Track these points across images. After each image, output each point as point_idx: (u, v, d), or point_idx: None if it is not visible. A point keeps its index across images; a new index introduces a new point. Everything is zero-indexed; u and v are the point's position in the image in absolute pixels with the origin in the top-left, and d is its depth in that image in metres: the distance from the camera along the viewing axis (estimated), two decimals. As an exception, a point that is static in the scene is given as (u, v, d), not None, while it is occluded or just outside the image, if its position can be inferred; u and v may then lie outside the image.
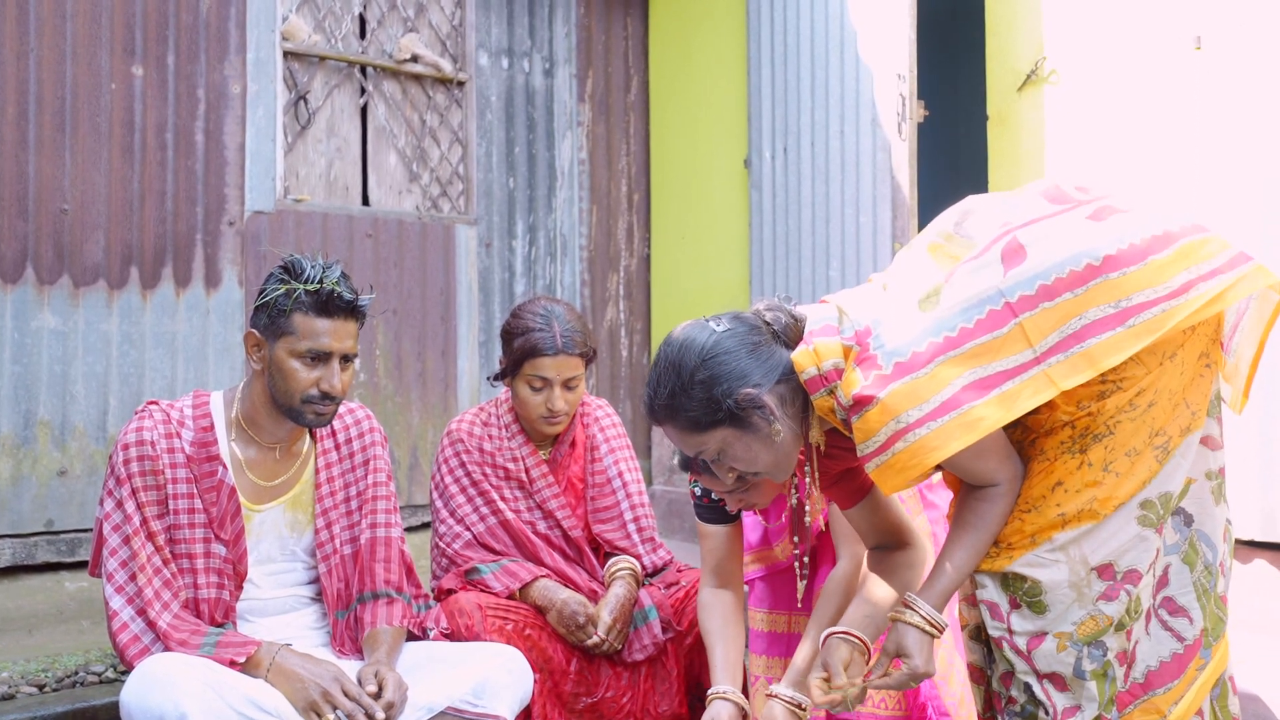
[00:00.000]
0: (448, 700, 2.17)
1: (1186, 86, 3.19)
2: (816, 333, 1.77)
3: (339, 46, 4.39)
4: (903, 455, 1.63)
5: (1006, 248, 1.69)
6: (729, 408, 1.75)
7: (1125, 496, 1.70)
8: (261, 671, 2.09)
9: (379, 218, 4.42)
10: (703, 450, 1.81)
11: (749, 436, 1.78)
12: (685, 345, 1.80)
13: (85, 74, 3.77)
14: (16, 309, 3.64)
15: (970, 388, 1.63)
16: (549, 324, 2.56)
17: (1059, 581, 1.70)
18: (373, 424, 2.45)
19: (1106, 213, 1.73)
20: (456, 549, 2.62)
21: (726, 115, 4.73)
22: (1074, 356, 1.63)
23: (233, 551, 2.24)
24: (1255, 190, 3.00)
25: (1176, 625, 1.77)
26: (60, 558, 3.70)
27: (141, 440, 2.20)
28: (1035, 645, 1.73)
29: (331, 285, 2.16)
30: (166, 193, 3.92)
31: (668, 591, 2.63)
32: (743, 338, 1.79)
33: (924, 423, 1.62)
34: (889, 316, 1.72)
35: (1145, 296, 1.65)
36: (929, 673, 1.74)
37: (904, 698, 2.36)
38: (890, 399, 1.63)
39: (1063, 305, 1.65)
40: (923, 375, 1.63)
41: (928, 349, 1.65)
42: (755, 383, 1.75)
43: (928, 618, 1.74)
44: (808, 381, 1.76)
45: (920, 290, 1.72)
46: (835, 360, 1.73)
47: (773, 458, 1.81)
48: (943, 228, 1.81)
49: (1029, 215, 1.74)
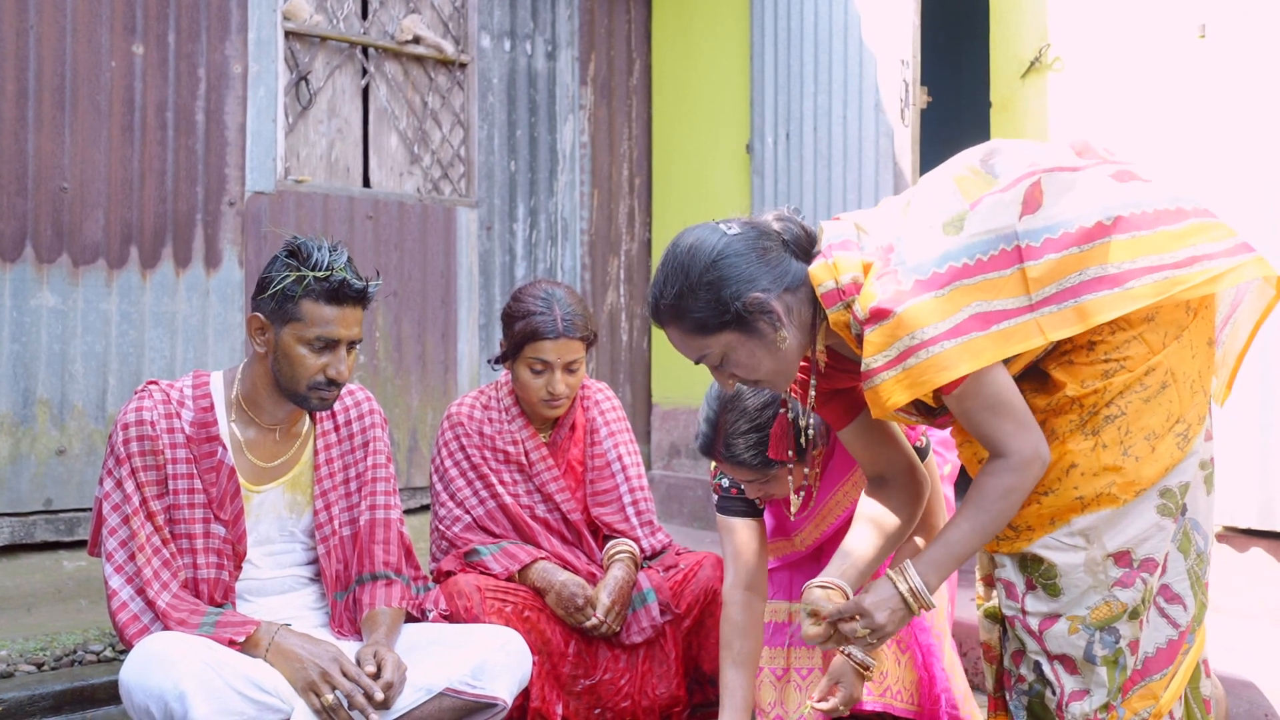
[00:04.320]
0: (446, 681, 2.18)
1: (1190, 75, 3.18)
2: (835, 247, 1.76)
3: (341, 27, 4.37)
4: (914, 370, 1.63)
5: (1029, 191, 1.70)
6: (736, 310, 1.73)
7: (1147, 483, 1.70)
8: (260, 651, 2.09)
9: (380, 199, 4.41)
10: (705, 354, 1.79)
11: (753, 342, 1.76)
12: (695, 246, 1.77)
13: (85, 52, 3.75)
14: (15, 287, 3.64)
15: (975, 318, 1.64)
16: (550, 307, 2.56)
17: (1074, 565, 1.71)
18: (373, 406, 2.45)
19: (1128, 177, 1.75)
20: (456, 531, 2.63)
21: (729, 100, 4.72)
22: (1066, 310, 1.65)
23: (232, 532, 2.24)
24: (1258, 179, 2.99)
25: (1172, 612, 1.78)
26: (59, 537, 3.70)
27: (141, 420, 2.20)
28: (1047, 626, 1.74)
29: (341, 273, 2.15)
30: (166, 172, 3.91)
31: (666, 574, 2.64)
32: (753, 242, 1.77)
33: (938, 341, 1.62)
34: (911, 235, 1.72)
35: (1149, 262, 1.66)
36: (888, 634, 1.72)
37: (918, 690, 2.35)
38: (908, 313, 1.64)
39: (1067, 259, 1.66)
40: (942, 295, 1.64)
41: (948, 271, 1.65)
42: (764, 288, 1.74)
43: (914, 588, 1.72)
44: (825, 295, 1.75)
45: (945, 214, 1.71)
46: (854, 274, 1.73)
47: (775, 366, 1.79)
48: (969, 162, 1.81)
49: (1056, 162, 1.75)
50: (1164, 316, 1.72)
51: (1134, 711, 1.75)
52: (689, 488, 4.71)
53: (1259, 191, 2.98)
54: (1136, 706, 1.75)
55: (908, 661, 2.34)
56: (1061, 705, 1.75)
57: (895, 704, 2.32)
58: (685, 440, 4.86)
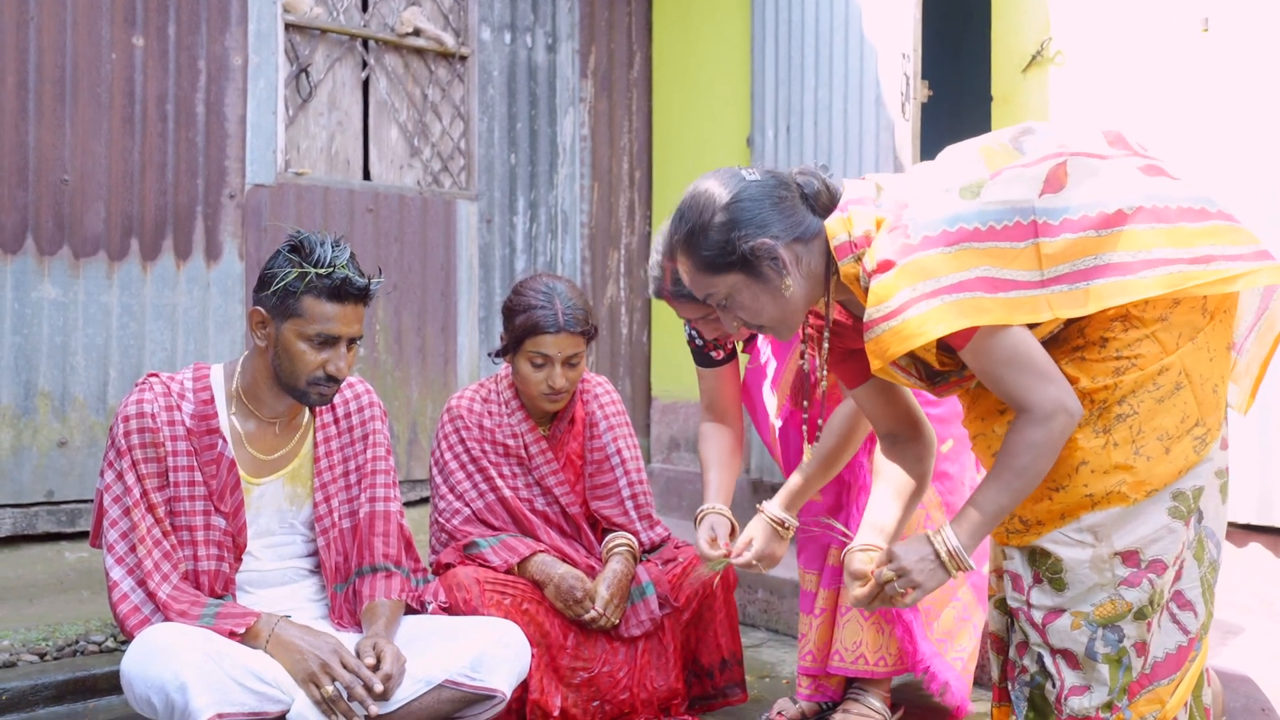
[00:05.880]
0: (445, 673, 2.19)
1: (1193, 69, 3.17)
2: (852, 202, 1.80)
3: (341, 19, 4.37)
4: (913, 322, 1.64)
5: (1053, 170, 1.71)
6: (743, 253, 1.77)
7: (1160, 484, 1.70)
8: (260, 643, 2.10)
9: (380, 192, 4.41)
10: (711, 293, 1.84)
11: (757, 286, 1.80)
12: (712, 187, 1.82)
13: (86, 43, 3.75)
14: (17, 279, 3.64)
15: (983, 280, 1.65)
16: (551, 301, 2.56)
17: (1080, 561, 1.71)
18: (372, 398, 2.45)
19: (1156, 172, 1.75)
20: (455, 524, 2.64)
21: (729, 93, 4.71)
22: (1077, 291, 1.66)
23: (232, 524, 2.25)
24: (1260, 173, 2.99)
25: (1184, 619, 1.78)
26: (60, 528, 3.71)
27: (142, 413, 2.20)
28: (1051, 620, 1.75)
29: (343, 270, 2.16)
30: (167, 164, 3.91)
31: (665, 568, 2.64)
32: (770, 190, 1.81)
33: (938, 295, 1.63)
34: (926, 195, 1.73)
35: (1163, 255, 1.66)
36: (927, 590, 1.74)
37: (902, 655, 2.45)
38: (910, 266, 1.66)
39: (1084, 241, 1.67)
40: (949, 252, 1.65)
41: (958, 232, 1.66)
42: (774, 234, 1.78)
43: (951, 550, 1.72)
44: (838, 247, 1.78)
45: (964, 180, 1.73)
46: (866, 228, 1.76)
47: (778, 312, 1.82)
48: (1000, 137, 1.83)
49: (1085, 148, 1.75)
50: (1178, 317, 1.72)
51: (1140, 716, 1.75)
52: (688, 481, 4.71)
53: (1261, 185, 2.98)
54: (1143, 711, 1.75)
55: (890, 630, 2.46)
56: (1060, 698, 1.76)
57: (875, 669, 2.47)
58: (685, 434, 4.86)
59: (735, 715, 2.70)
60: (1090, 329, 1.73)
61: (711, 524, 2.40)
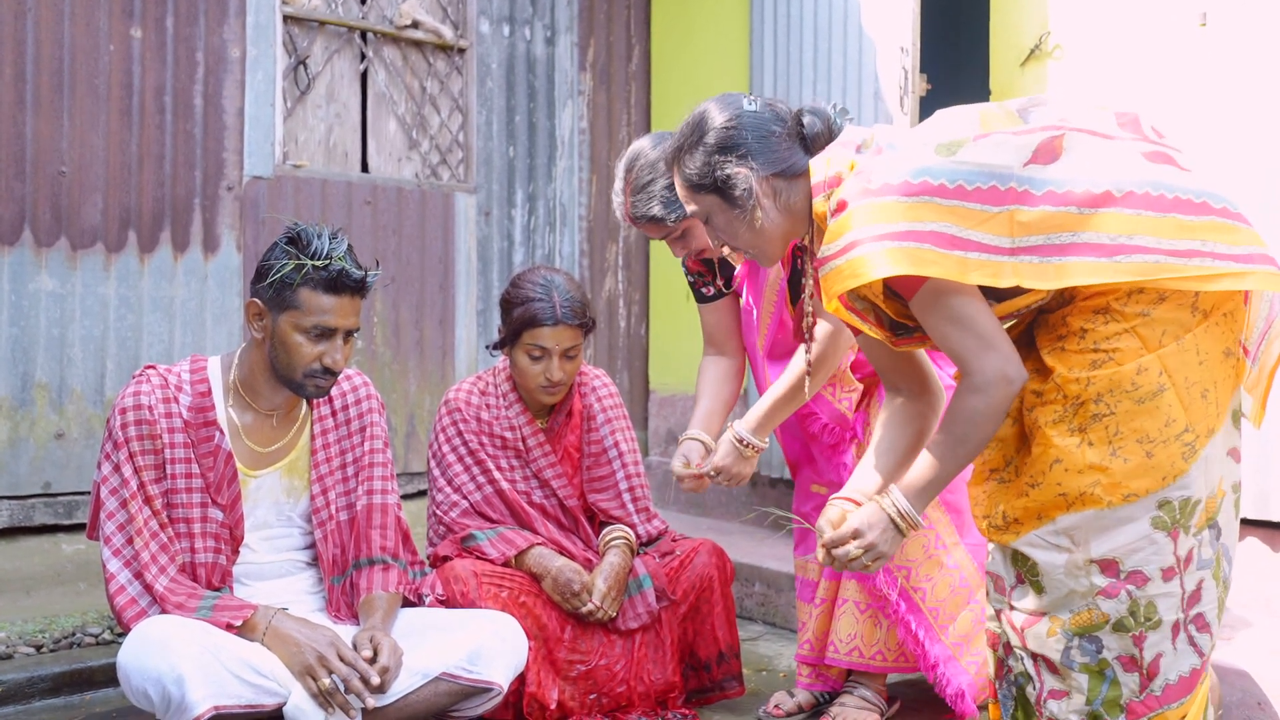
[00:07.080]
0: (443, 666, 2.19)
1: (1191, 63, 3.17)
2: (838, 144, 1.83)
3: (339, 11, 4.36)
4: (855, 262, 1.66)
5: (1045, 142, 1.69)
6: (718, 178, 1.84)
7: (1143, 490, 1.65)
8: (258, 635, 2.10)
9: (378, 185, 4.40)
10: (693, 211, 1.93)
11: (732, 212, 1.86)
12: (709, 110, 1.89)
13: (83, 35, 3.74)
14: (14, 271, 3.63)
15: (937, 235, 1.64)
16: (549, 294, 2.56)
17: (1055, 565, 1.70)
18: (370, 391, 2.45)
19: (1163, 160, 1.71)
20: (453, 517, 2.64)
21: (728, 86, 4.70)
22: (1047, 265, 1.64)
23: (229, 516, 2.25)
24: (1259, 167, 2.99)
25: (1200, 641, 1.72)
26: (58, 520, 3.71)
27: (139, 405, 2.20)
28: (1029, 625, 1.74)
29: (340, 262, 2.15)
30: (165, 156, 3.90)
31: (662, 561, 2.65)
32: (763, 124, 1.86)
33: (883, 239, 1.64)
34: (904, 145, 1.75)
35: (1145, 242, 1.62)
36: (886, 554, 1.77)
37: (903, 652, 2.45)
38: (862, 208, 1.67)
39: (1063, 215, 1.65)
40: (904, 202, 1.66)
41: (920, 185, 1.67)
42: (752, 165, 1.83)
43: (901, 510, 1.75)
44: (814, 186, 1.82)
45: (946, 137, 1.73)
46: (839, 169, 1.79)
47: (752, 240, 1.89)
48: (1008, 105, 1.82)
49: (1089, 126, 1.73)
50: (1162, 314, 1.67)
51: None
52: (686, 474, 4.71)
53: (1260, 179, 2.98)
54: None
55: (889, 625, 2.46)
56: (1040, 700, 1.74)
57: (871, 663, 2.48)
58: (682, 427, 4.86)
59: (732, 708, 2.71)
60: (1073, 318, 1.71)
61: (687, 449, 2.52)
